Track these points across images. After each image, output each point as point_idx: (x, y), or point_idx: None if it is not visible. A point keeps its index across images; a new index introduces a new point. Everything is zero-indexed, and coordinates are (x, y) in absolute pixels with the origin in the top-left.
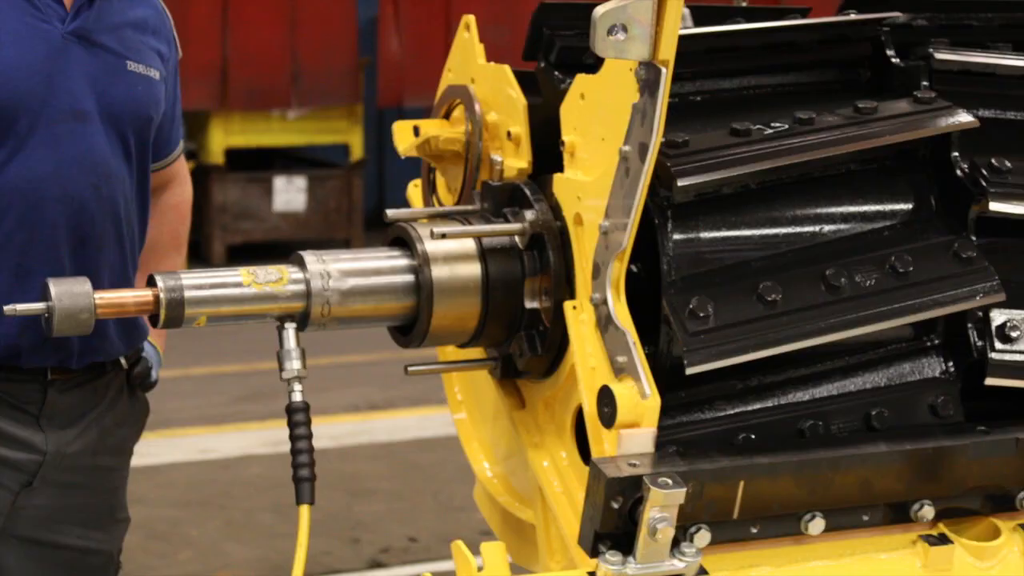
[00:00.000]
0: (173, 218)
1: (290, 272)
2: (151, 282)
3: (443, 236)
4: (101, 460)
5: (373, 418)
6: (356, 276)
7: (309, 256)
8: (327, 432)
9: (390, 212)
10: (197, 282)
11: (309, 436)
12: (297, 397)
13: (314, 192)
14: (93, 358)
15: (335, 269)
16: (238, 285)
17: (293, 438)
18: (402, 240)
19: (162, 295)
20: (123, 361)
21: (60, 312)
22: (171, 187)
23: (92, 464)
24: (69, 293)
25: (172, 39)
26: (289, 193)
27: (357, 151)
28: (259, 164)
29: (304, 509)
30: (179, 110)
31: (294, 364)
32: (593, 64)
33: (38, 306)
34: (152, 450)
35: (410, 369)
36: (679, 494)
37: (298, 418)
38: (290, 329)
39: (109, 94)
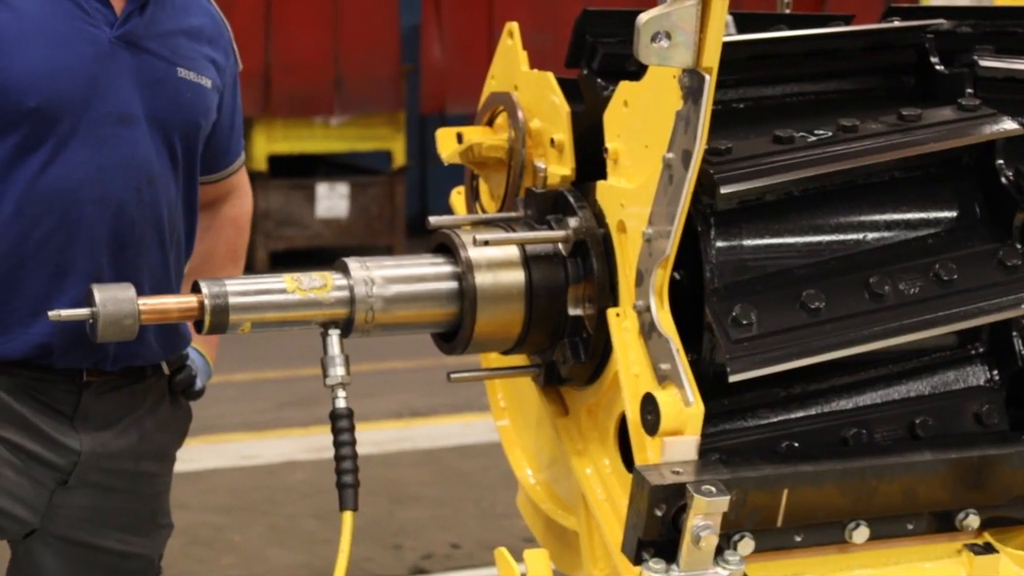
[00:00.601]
0: (231, 231)
1: (334, 279)
2: (195, 288)
3: (486, 243)
4: (143, 465)
5: (416, 425)
6: (400, 283)
7: (353, 262)
8: (370, 438)
9: (433, 219)
10: (241, 288)
11: (353, 442)
12: (341, 403)
13: (357, 199)
14: (129, 362)
15: (379, 276)
16: (282, 292)
17: (337, 444)
18: (445, 247)
19: (206, 301)
20: (164, 367)
21: (104, 318)
22: (230, 199)
23: (134, 469)
24: (113, 299)
25: (230, 49)
26: (332, 200)
27: (400, 158)
28: (302, 171)
29: (347, 515)
30: (239, 121)
31: (338, 370)
32: (636, 71)
33: (82, 312)
34: (195, 456)
35: (453, 376)
36: (723, 502)
37: (342, 424)
38: (334, 335)
39: (156, 99)
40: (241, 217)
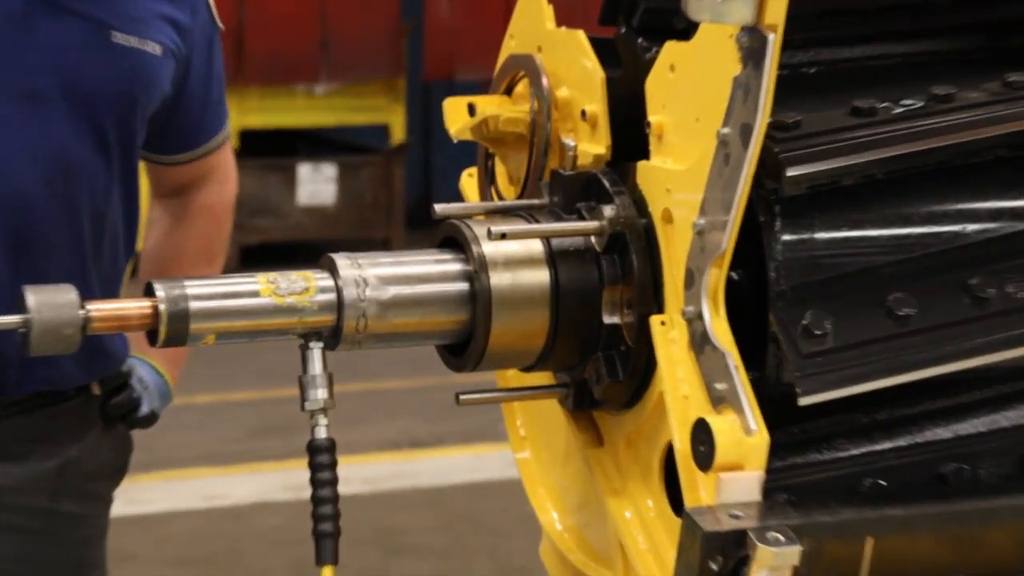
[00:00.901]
0: (205, 223)
1: (318, 279)
2: (149, 291)
3: (503, 236)
4: (63, 504)
5: (416, 457)
6: (398, 284)
7: (341, 259)
8: (360, 474)
9: (439, 207)
10: (204, 291)
11: (334, 481)
12: (321, 433)
13: (346, 182)
14: (36, 387)
15: (373, 275)
16: (255, 295)
17: (314, 483)
18: (454, 241)
19: (161, 307)
20: (95, 387)
21: (39, 327)
22: (206, 184)
23: (50, 507)
24: (51, 304)
25: (201, 6)
26: (316, 184)
27: (398, 133)
28: (280, 149)
29: (327, 572)
30: (218, 90)
31: (319, 392)
32: (685, 29)
33: (12, 319)
34: (146, 496)
35: (462, 398)
36: (792, 553)
37: (321, 459)
38: (316, 349)
39: (80, 71)
40: (218, 207)
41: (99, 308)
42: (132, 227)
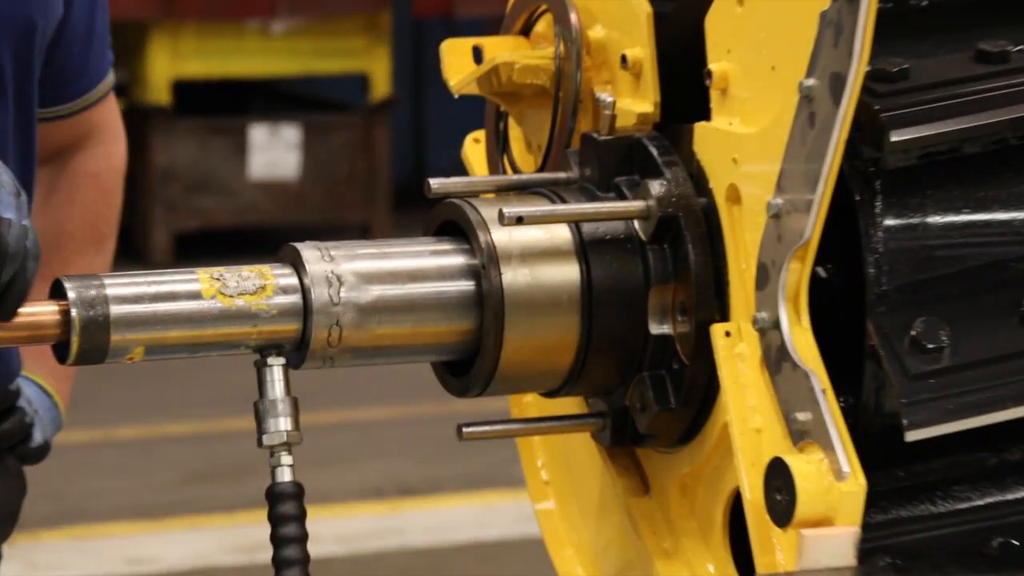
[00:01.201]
0: (91, 195)
1: (277, 276)
2: (57, 291)
3: (520, 220)
4: None
5: (406, 509)
6: (383, 282)
7: (308, 250)
8: (334, 531)
9: (434, 182)
10: (130, 291)
11: (301, 538)
12: (284, 475)
13: (313, 150)
14: None
15: (349, 271)
16: (195, 296)
17: (276, 541)
18: (455, 226)
19: (75, 312)
20: None
21: None
22: (88, 145)
23: None
24: None
25: None
26: (274, 151)
27: (381, 86)
28: (226, 105)
29: None
30: (100, 22)
31: (281, 422)
32: None
33: None
34: (52, 558)
35: (466, 431)
36: None
37: (284, 509)
38: (276, 367)
39: None
40: (105, 173)
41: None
42: (28, 196)
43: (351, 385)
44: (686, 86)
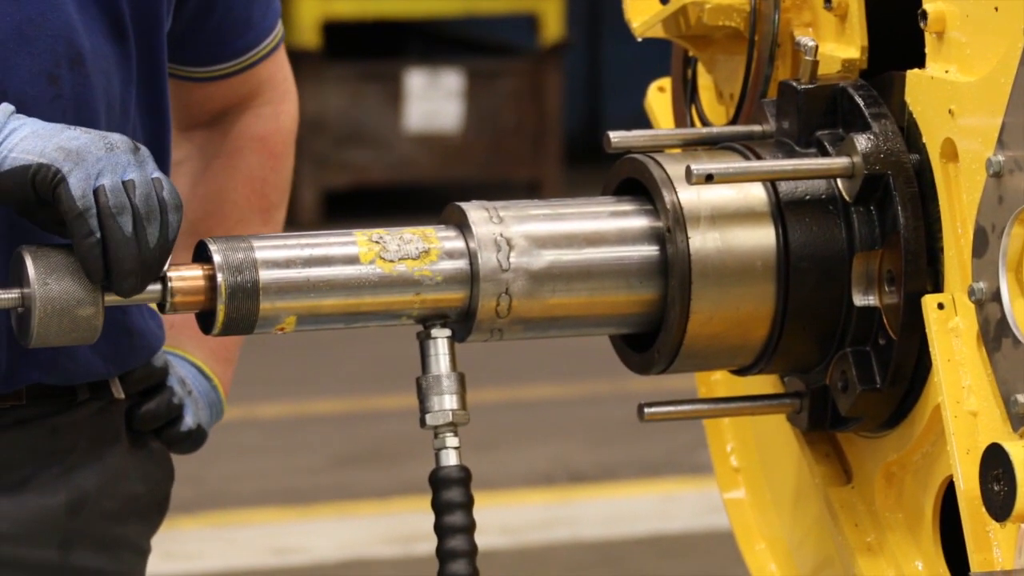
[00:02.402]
0: (256, 161)
1: (442, 239)
2: (202, 254)
3: (710, 178)
4: (78, 557)
5: (577, 497)
6: (556, 246)
7: (475, 211)
8: (499, 520)
9: (614, 135)
10: (281, 255)
11: (468, 527)
12: (450, 458)
13: (477, 99)
14: (35, 379)
15: (519, 234)
16: (352, 261)
17: (441, 530)
18: (637, 184)
19: (221, 277)
20: (117, 387)
21: (44, 305)
22: (253, 107)
23: (59, 562)
24: (58, 272)
25: None
26: (433, 101)
27: (553, 27)
28: (380, 49)
29: None
30: None
31: (446, 400)
32: None
33: (7, 295)
34: (192, 548)
35: (647, 411)
36: None
37: (450, 496)
38: (440, 339)
39: None
40: (274, 136)
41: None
42: (162, 155)
43: (518, 360)
44: (896, 29)
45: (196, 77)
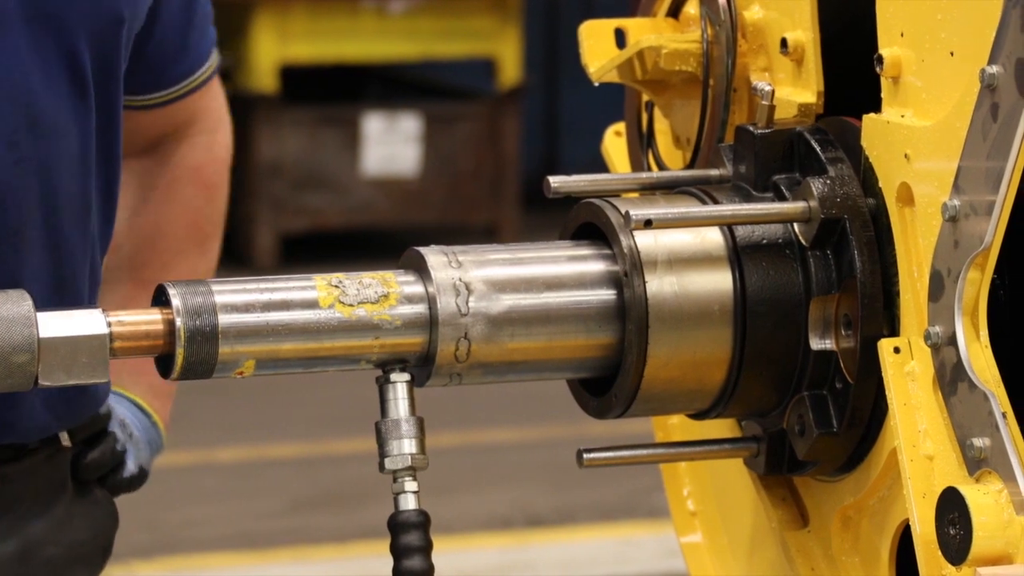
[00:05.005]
0: (191, 191)
1: (401, 283)
2: (160, 298)
3: (648, 224)
4: None
5: (535, 541)
6: (515, 290)
7: (433, 255)
8: (454, 565)
9: (555, 180)
10: (240, 299)
11: (427, 571)
12: (409, 502)
13: (435, 143)
14: None
15: (478, 278)
16: (311, 305)
17: (400, 574)
18: (594, 229)
19: (180, 321)
20: (63, 436)
21: None
22: (189, 136)
23: None
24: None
25: None
26: (391, 144)
27: (511, 72)
28: (338, 93)
29: None
30: (202, 2)
31: (405, 444)
32: None
33: None
34: None
35: (586, 457)
36: None
37: (408, 540)
38: (400, 383)
39: None
40: (210, 166)
41: (119, 319)
42: (111, 205)
43: (476, 404)
44: (852, 74)
45: (135, 105)
